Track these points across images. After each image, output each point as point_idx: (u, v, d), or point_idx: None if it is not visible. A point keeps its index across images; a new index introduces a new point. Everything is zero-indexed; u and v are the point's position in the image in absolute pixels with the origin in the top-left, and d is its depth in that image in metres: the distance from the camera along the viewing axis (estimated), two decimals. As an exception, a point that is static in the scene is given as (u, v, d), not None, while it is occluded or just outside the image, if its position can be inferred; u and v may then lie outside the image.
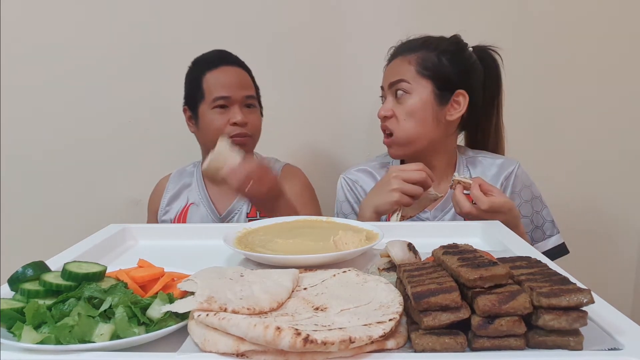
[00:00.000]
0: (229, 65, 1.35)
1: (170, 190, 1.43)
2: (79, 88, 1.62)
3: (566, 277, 0.53)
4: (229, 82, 1.32)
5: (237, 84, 1.32)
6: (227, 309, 0.50)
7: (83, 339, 0.50)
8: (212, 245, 0.85)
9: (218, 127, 1.30)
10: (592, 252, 1.69)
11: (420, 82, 1.19)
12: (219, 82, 1.32)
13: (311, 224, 0.92)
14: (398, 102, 1.21)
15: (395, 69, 1.23)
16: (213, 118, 1.31)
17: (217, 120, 1.31)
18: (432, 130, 1.21)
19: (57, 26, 1.59)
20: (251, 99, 1.35)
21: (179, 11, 1.59)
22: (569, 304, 0.47)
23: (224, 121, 1.31)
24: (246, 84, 1.35)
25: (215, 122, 1.31)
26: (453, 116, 1.21)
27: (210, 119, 1.31)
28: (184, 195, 1.42)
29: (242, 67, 1.37)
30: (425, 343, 0.47)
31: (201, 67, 1.35)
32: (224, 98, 1.31)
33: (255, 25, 1.59)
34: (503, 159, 1.27)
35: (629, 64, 1.61)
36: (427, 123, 1.20)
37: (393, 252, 0.68)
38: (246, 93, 1.33)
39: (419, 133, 1.20)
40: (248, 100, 1.34)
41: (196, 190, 1.41)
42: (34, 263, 0.62)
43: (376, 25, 1.59)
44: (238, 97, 1.32)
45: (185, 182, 1.44)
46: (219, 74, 1.33)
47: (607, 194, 1.68)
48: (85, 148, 1.65)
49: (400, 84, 1.20)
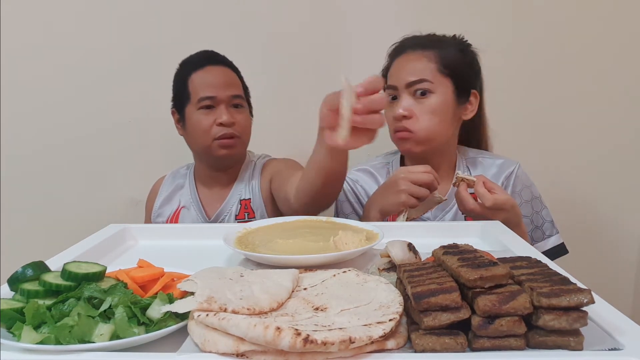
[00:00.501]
0: (214, 65, 1.32)
1: (164, 193, 1.42)
2: (79, 88, 1.62)
3: (566, 277, 0.53)
4: (215, 82, 1.29)
5: (222, 83, 1.30)
6: (227, 309, 0.50)
7: (83, 339, 0.50)
8: (212, 245, 0.85)
9: (204, 128, 1.28)
10: (592, 252, 1.69)
11: (442, 81, 1.17)
12: (204, 81, 1.29)
13: (311, 224, 0.92)
14: (417, 100, 1.17)
15: (412, 66, 1.18)
16: (199, 119, 1.28)
17: (203, 121, 1.28)
18: (450, 129, 1.20)
19: (57, 26, 1.59)
20: (238, 99, 1.32)
21: (180, 11, 1.58)
22: (569, 304, 0.47)
23: (210, 122, 1.28)
24: (233, 83, 1.32)
25: (201, 123, 1.28)
26: (467, 116, 1.22)
27: (196, 120, 1.29)
28: (177, 198, 1.41)
29: (229, 66, 1.34)
30: (425, 343, 0.47)
31: (187, 68, 1.33)
32: (210, 98, 1.28)
33: (255, 25, 1.59)
34: (503, 160, 1.27)
35: (629, 64, 1.61)
36: (447, 122, 1.19)
37: (393, 252, 0.68)
38: (232, 92, 1.30)
39: (439, 132, 1.18)
40: (235, 100, 1.31)
41: (187, 193, 1.40)
42: (33, 263, 0.63)
43: (376, 26, 1.58)
44: (224, 96, 1.29)
45: (179, 183, 1.43)
46: (204, 74, 1.30)
47: (607, 194, 1.68)
48: (86, 148, 1.65)
49: (422, 84, 1.16)
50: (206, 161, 1.37)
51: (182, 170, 1.47)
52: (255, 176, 1.39)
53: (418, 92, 1.17)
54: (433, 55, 1.17)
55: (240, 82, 1.35)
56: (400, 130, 1.19)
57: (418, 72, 1.17)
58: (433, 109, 1.16)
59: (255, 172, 1.40)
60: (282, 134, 1.63)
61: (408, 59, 1.20)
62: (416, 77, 1.17)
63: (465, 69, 1.20)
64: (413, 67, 1.18)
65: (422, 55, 1.18)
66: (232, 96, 1.30)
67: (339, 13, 1.59)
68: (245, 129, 1.34)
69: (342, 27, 1.60)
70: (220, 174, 1.38)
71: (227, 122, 1.28)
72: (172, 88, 1.37)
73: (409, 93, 1.18)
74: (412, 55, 1.20)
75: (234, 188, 1.38)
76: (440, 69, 1.17)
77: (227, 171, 1.39)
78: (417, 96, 1.17)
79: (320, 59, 1.61)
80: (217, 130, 1.28)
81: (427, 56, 1.18)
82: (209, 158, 1.34)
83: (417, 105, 1.17)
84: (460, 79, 1.18)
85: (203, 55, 1.34)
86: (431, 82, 1.16)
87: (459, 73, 1.18)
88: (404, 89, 1.19)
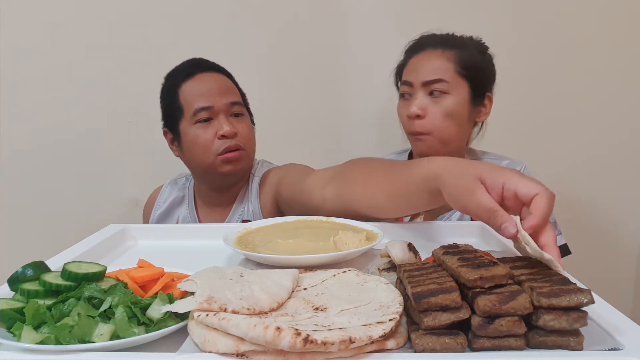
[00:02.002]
0: (205, 71, 1.19)
1: (161, 206, 1.33)
2: (79, 88, 1.62)
3: (566, 277, 0.53)
4: (209, 90, 1.15)
5: (217, 90, 1.16)
6: (227, 309, 0.50)
7: (83, 339, 0.50)
8: (212, 245, 0.85)
9: (204, 143, 1.14)
10: (592, 252, 1.69)
11: (459, 82, 1.16)
12: (197, 91, 1.15)
13: (311, 224, 0.92)
14: (433, 100, 1.16)
15: (431, 65, 1.16)
16: (197, 134, 1.15)
17: (202, 135, 1.14)
18: (466, 131, 1.20)
19: (58, 25, 1.59)
20: (238, 106, 1.19)
21: (181, 12, 1.58)
22: (569, 304, 0.47)
23: (210, 136, 1.14)
24: (229, 89, 1.19)
25: (199, 138, 1.14)
26: (481, 118, 1.21)
27: (193, 136, 1.15)
28: (175, 214, 1.32)
29: (222, 72, 1.22)
30: (425, 343, 0.47)
31: (175, 79, 1.20)
32: (206, 109, 1.14)
33: (255, 26, 1.59)
34: (509, 160, 1.27)
35: (630, 63, 1.61)
36: (464, 125, 1.18)
37: (393, 252, 0.68)
38: (230, 99, 1.17)
39: (456, 134, 1.17)
40: (234, 107, 1.18)
41: (186, 211, 1.31)
42: (33, 263, 0.62)
43: (376, 26, 1.58)
44: (221, 105, 1.15)
45: (177, 197, 1.33)
46: (196, 83, 1.17)
47: (607, 193, 1.68)
48: (86, 148, 1.65)
49: (439, 84, 1.15)
50: (209, 182, 1.25)
51: (181, 182, 1.37)
52: (253, 192, 1.26)
53: (435, 91, 1.15)
54: (452, 55, 1.16)
55: (236, 88, 1.23)
56: (416, 132, 1.17)
57: (436, 71, 1.15)
58: (448, 110, 1.15)
59: (253, 188, 1.26)
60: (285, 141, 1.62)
61: (427, 57, 1.18)
62: (433, 76, 1.15)
63: (482, 71, 1.19)
64: (431, 66, 1.16)
65: (442, 54, 1.17)
66: (231, 103, 1.18)
67: (339, 14, 1.59)
68: (249, 139, 1.21)
69: (342, 29, 1.60)
70: (221, 193, 1.27)
71: (230, 133, 1.14)
72: (161, 105, 1.24)
73: (425, 92, 1.16)
74: (432, 54, 1.18)
75: (234, 208, 1.27)
76: (459, 70, 1.15)
77: (229, 190, 1.26)
78: (433, 95, 1.16)
79: (320, 59, 1.61)
80: (219, 145, 1.15)
81: (447, 56, 1.16)
82: (212, 177, 1.21)
83: (432, 105, 1.16)
84: (477, 81, 1.18)
85: (190, 63, 1.22)
86: (448, 83, 1.15)
87: (476, 75, 1.17)
88: (420, 87, 1.17)
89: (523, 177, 0.62)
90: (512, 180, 0.61)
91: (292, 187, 1.10)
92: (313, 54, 1.61)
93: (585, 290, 0.48)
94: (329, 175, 0.97)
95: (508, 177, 0.62)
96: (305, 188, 1.01)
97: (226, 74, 1.23)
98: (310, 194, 0.98)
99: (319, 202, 0.95)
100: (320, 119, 1.65)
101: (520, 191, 0.60)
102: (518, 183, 0.61)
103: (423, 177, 0.75)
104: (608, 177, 1.67)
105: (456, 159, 0.74)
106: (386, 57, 1.33)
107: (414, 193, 0.78)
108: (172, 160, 1.55)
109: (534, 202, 0.59)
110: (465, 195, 0.63)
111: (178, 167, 1.47)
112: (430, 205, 0.79)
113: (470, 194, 0.62)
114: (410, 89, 1.19)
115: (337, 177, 0.95)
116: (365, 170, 0.92)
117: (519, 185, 0.61)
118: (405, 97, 1.21)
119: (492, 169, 0.64)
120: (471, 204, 0.62)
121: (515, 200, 0.62)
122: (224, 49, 1.34)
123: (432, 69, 1.16)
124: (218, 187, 1.25)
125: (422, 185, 0.76)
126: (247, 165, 1.23)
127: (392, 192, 0.84)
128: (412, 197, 0.80)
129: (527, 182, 0.61)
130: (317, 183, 0.98)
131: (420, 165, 0.78)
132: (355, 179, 0.91)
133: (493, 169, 0.64)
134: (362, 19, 1.59)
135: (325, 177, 0.97)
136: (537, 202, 0.59)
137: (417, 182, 0.77)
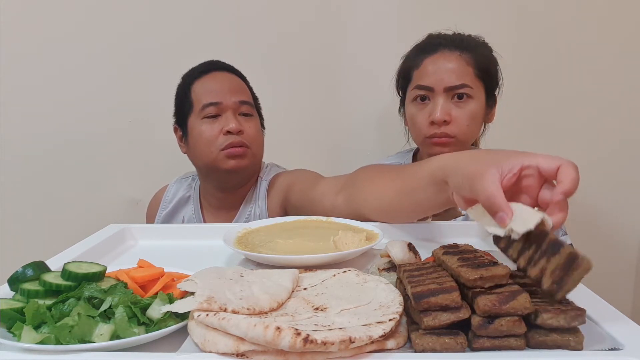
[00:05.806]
0: (219, 70, 1.21)
1: (167, 206, 1.33)
2: (79, 88, 1.61)
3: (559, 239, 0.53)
4: (219, 88, 1.17)
5: (228, 89, 1.18)
6: (227, 309, 0.50)
7: (83, 339, 0.50)
8: (212, 245, 0.85)
9: (209, 137, 1.15)
10: (592, 252, 1.67)
11: (478, 86, 1.15)
12: (208, 88, 1.18)
13: (311, 224, 0.92)
14: (455, 104, 1.14)
15: (451, 69, 1.14)
16: (203, 129, 1.16)
17: (208, 130, 1.15)
18: (478, 134, 1.21)
19: (58, 25, 1.58)
20: (247, 106, 1.19)
21: (182, 12, 1.58)
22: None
23: (216, 131, 1.15)
24: (239, 89, 1.20)
25: (205, 132, 1.15)
26: (490, 120, 1.22)
27: (200, 131, 1.16)
28: (180, 214, 1.32)
29: (236, 73, 1.24)
30: (425, 343, 0.47)
31: (189, 77, 1.23)
32: (214, 104, 1.15)
33: (254, 26, 1.59)
34: None
35: (630, 64, 1.61)
36: (479, 127, 1.18)
37: (393, 252, 0.68)
38: (240, 98, 1.18)
39: (473, 137, 1.18)
40: (243, 107, 1.19)
41: (191, 212, 1.30)
42: (34, 263, 0.62)
43: (377, 29, 1.58)
44: (230, 103, 1.16)
45: (183, 197, 1.33)
46: (208, 80, 1.19)
47: (607, 193, 1.68)
48: (86, 148, 1.65)
49: (463, 89, 1.13)
50: (213, 179, 1.24)
51: (187, 181, 1.37)
52: (261, 195, 1.25)
53: (457, 96, 1.14)
54: (470, 58, 1.15)
55: (248, 90, 1.24)
56: (439, 136, 1.15)
57: (458, 76, 1.13)
58: (472, 114, 1.14)
59: (261, 192, 1.26)
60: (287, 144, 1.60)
61: (445, 60, 1.16)
62: (457, 81, 1.13)
63: (495, 73, 1.19)
64: (452, 70, 1.14)
65: (460, 57, 1.15)
66: (240, 102, 1.18)
67: (340, 18, 1.59)
68: (256, 139, 1.20)
69: (343, 33, 1.59)
70: (228, 194, 1.26)
71: (235, 129, 1.14)
72: (174, 101, 1.27)
73: (447, 96, 1.14)
74: (449, 56, 1.15)
75: (241, 210, 1.26)
76: (477, 73, 1.15)
77: (235, 192, 1.26)
78: (455, 100, 1.14)
79: (320, 60, 1.61)
80: (224, 140, 1.15)
81: (465, 59, 1.14)
82: (216, 174, 1.21)
83: (454, 109, 1.14)
84: (490, 83, 1.17)
85: (206, 63, 1.25)
86: (471, 88, 1.13)
87: (490, 77, 1.17)
88: (442, 92, 1.14)
89: (542, 154, 0.62)
90: (532, 158, 0.62)
91: (301, 194, 1.10)
92: (314, 58, 1.61)
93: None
94: (341, 183, 0.98)
95: (527, 156, 0.62)
96: (317, 197, 1.02)
97: (240, 76, 1.26)
98: (321, 202, 1.00)
99: (329, 210, 0.96)
100: (322, 121, 1.65)
101: (542, 165, 0.60)
102: (539, 158, 0.61)
103: (430, 171, 0.76)
104: (608, 177, 1.67)
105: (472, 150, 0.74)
106: (388, 61, 1.33)
107: (420, 187, 0.79)
108: (172, 160, 1.55)
109: (561, 171, 0.59)
110: (473, 179, 0.63)
111: (178, 167, 1.48)
112: (436, 201, 0.79)
113: (479, 178, 0.62)
114: (430, 93, 1.16)
115: (349, 184, 0.96)
116: (376, 172, 0.94)
117: (540, 160, 0.61)
118: (420, 101, 1.18)
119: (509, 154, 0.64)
120: (475, 187, 0.62)
121: (537, 178, 0.61)
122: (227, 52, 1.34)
123: (455, 74, 1.13)
124: (222, 187, 1.25)
125: (428, 178, 0.77)
126: (252, 165, 1.22)
127: (399, 188, 0.85)
128: (418, 192, 0.80)
129: (548, 156, 0.61)
130: (329, 191, 0.99)
131: (429, 161, 0.79)
132: (365, 179, 0.93)
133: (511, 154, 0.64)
134: (363, 23, 1.59)
135: (337, 185, 0.98)
136: (564, 171, 0.58)
137: (424, 177, 0.78)
